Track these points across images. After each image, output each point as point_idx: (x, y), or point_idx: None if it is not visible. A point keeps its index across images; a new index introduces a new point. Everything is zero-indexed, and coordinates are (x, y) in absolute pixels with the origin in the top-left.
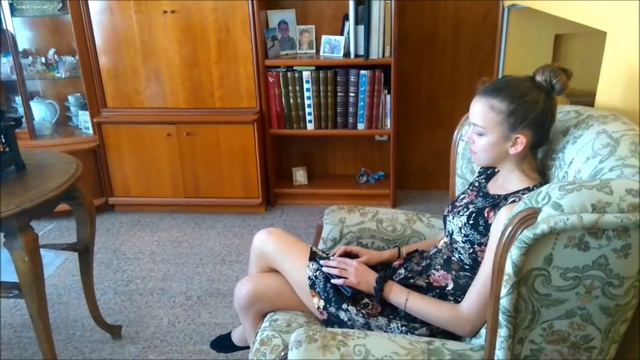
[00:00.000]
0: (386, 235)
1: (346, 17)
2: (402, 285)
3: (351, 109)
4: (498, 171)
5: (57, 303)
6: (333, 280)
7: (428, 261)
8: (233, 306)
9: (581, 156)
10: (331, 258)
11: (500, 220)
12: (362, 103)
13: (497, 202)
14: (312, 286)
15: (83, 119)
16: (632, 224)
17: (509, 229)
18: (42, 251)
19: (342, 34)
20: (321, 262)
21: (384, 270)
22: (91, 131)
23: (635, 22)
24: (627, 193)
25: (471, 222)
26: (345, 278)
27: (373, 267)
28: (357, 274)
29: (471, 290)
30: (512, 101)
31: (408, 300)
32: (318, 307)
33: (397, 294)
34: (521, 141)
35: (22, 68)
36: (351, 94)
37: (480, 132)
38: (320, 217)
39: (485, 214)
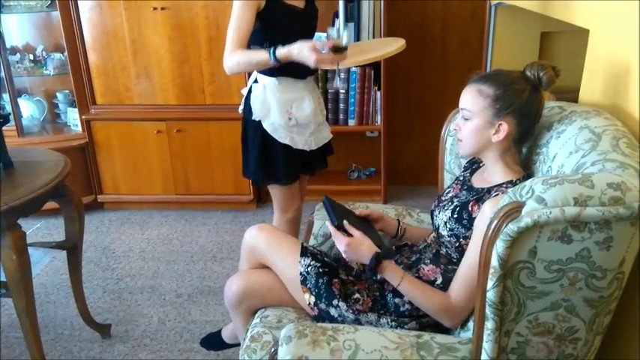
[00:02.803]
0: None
1: (336, 15)
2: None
3: (341, 106)
4: (483, 165)
5: (45, 302)
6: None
7: (418, 255)
8: (224, 303)
9: (564, 150)
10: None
11: (484, 214)
12: (352, 100)
13: (480, 196)
14: (304, 282)
15: (72, 116)
16: (613, 217)
17: (495, 222)
18: (30, 249)
19: None
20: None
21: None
22: (79, 128)
23: (616, 21)
24: (608, 187)
25: (455, 216)
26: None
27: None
28: (347, 253)
29: (455, 282)
30: (500, 87)
31: (403, 280)
32: (309, 303)
33: (393, 272)
34: (504, 128)
35: (10, 65)
36: (342, 91)
37: (466, 116)
38: (311, 213)
39: (469, 208)
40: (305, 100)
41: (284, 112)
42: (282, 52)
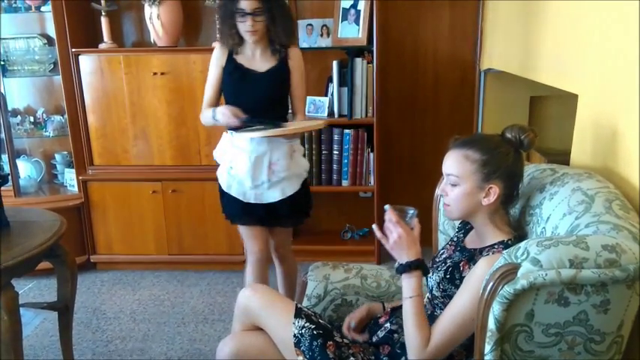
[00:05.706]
0: (370, 291)
1: (330, 79)
2: (386, 339)
3: (335, 167)
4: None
5: None
6: (375, 229)
7: None
8: None
9: (557, 212)
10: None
11: (477, 269)
12: (346, 161)
13: (472, 256)
14: (297, 344)
15: (69, 177)
16: (609, 279)
17: (491, 284)
18: (21, 310)
19: (326, 95)
20: (387, 208)
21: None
22: (76, 189)
23: (604, 86)
24: (603, 249)
25: (447, 276)
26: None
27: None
28: (396, 243)
29: (436, 329)
30: (486, 152)
31: (416, 298)
32: None
33: (417, 284)
34: (494, 191)
35: (10, 127)
36: (335, 152)
37: (454, 182)
38: (304, 274)
39: (461, 267)
40: (242, 157)
41: (227, 160)
42: (217, 109)
